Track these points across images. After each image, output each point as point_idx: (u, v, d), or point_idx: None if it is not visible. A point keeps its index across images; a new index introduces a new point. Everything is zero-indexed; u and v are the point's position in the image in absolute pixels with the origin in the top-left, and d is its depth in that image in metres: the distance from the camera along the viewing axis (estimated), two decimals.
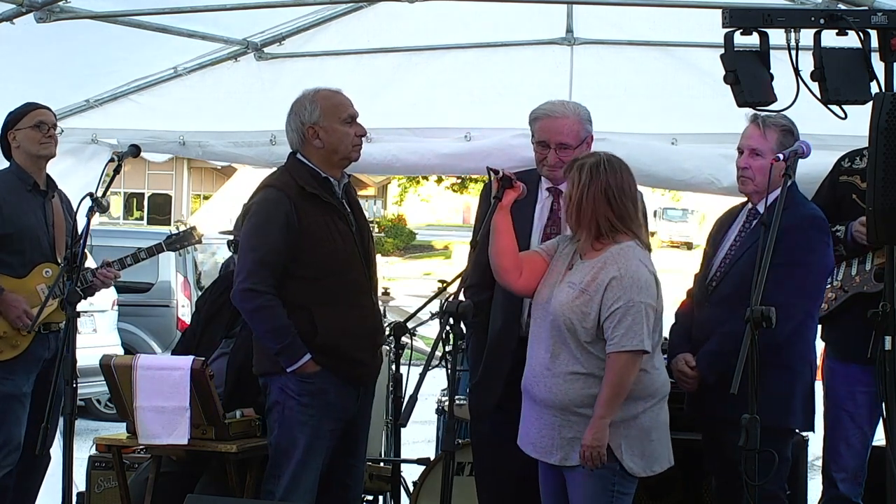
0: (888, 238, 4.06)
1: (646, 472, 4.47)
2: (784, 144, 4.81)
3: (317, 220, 4.87)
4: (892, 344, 4.07)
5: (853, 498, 5.20)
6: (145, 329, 12.65)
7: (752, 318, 4.02)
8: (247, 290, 4.82)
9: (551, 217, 5.00)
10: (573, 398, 4.41)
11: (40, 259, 5.67)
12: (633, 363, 4.35)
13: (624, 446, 4.39)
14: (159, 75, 6.81)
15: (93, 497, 5.95)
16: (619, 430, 4.37)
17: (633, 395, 4.40)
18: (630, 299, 4.35)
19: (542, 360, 4.50)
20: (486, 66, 6.68)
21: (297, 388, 4.85)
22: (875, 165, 3.95)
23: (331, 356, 4.85)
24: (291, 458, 4.85)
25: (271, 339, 4.84)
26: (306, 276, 4.85)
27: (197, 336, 5.59)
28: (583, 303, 4.42)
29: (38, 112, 5.72)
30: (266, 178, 5.06)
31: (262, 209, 4.89)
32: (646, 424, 4.45)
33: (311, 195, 4.89)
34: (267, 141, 6.86)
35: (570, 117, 4.99)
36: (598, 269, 4.45)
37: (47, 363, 5.64)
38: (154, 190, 44.96)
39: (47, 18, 5.57)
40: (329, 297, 4.86)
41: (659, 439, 4.50)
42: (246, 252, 4.89)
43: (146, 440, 5.08)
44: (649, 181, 6.85)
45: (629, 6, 6.02)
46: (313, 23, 6.50)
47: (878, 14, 4.15)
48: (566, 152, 4.92)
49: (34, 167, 5.73)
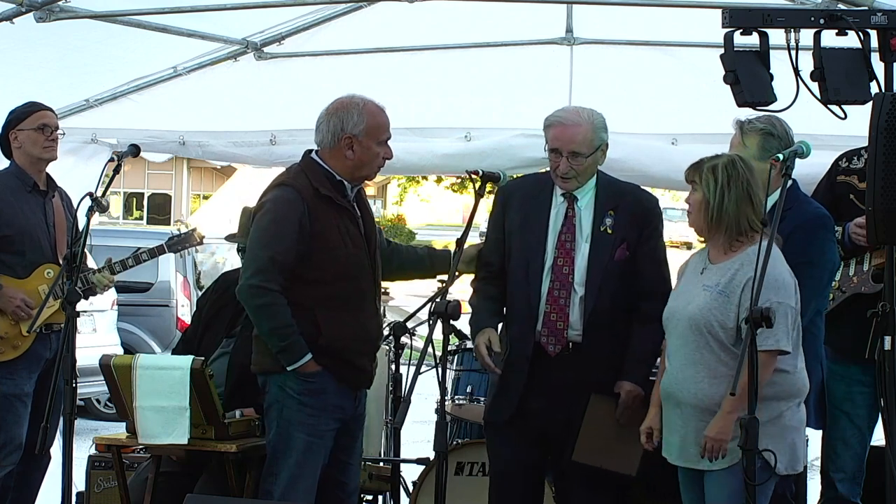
0: (888, 238, 4.06)
1: (788, 471, 4.43)
2: (765, 148, 4.80)
3: (329, 223, 4.85)
4: (892, 344, 4.07)
5: (852, 498, 5.20)
6: (145, 329, 12.63)
7: (752, 318, 4.02)
8: (254, 286, 4.80)
9: (566, 223, 4.92)
10: (718, 399, 4.32)
11: (42, 260, 5.67)
12: (770, 363, 4.29)
13: (770, 445, 4.30)
14: (159, 75, 6.81)
15: (92, 497, 5.95)
16: (765, 428, 4.28)
17: (778, 395, 4.36)
18: (768, 300, 4.24)
19: (684, 365, 4.44)
20: (486, 66, 6.68)
21: (296, 386, 4.82)
22: (875, 166, 3.95)
23: (332, 358, 4.85)
24: (289, 457, 4.83)
25: (274, 336, 4.82)
26: (314, 277, 4.83)
27: (198, 336, 5.58)
28: (721, 304, 4.36)
29: (41, 114, 5.70)
30: (280, 175, 5.02)
31: (275, 207, 4.85)
32: (788, 424, 4.41)
33: (325, 197, 4.87)
34: (267, 141, 6.86)
35: (584, 125, 4.89)
36: (736, 270, 4.40)
37: (48, 363, 5.64)
38: (154, 190, 44.98)
39: (47, 18, 5.57)
40: (334, 299, 4.86)
41: (800, 439, 4.48)
42: (256, 248, 4.86)
43: (146, 440, 5.07)
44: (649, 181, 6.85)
45: (629, 6, 6.01)
46: (313, 22, 6.49)
47: (878, 14, 4.16)
48: (578, 160, 4.85)
49: (34, 168, 5.72)
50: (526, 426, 4.87)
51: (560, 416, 4.83)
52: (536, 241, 4.84)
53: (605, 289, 4.84)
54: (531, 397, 4.83)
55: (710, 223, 4.45)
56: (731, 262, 4.43)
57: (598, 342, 4.83)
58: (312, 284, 4.82)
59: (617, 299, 4.85)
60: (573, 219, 4.92)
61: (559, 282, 4.86)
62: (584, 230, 4.89)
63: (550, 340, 4.85)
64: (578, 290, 4.84)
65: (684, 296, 4.52)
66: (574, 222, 4.91)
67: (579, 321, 4.84)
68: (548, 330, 4.84)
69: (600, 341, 4.83)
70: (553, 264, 4.88)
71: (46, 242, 5.70)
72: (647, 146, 6.56)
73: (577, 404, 4.82)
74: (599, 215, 4.90)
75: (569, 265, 4.87)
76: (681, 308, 4.49)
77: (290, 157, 6.99)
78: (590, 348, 4.83)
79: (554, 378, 4.84)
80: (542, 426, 4.87)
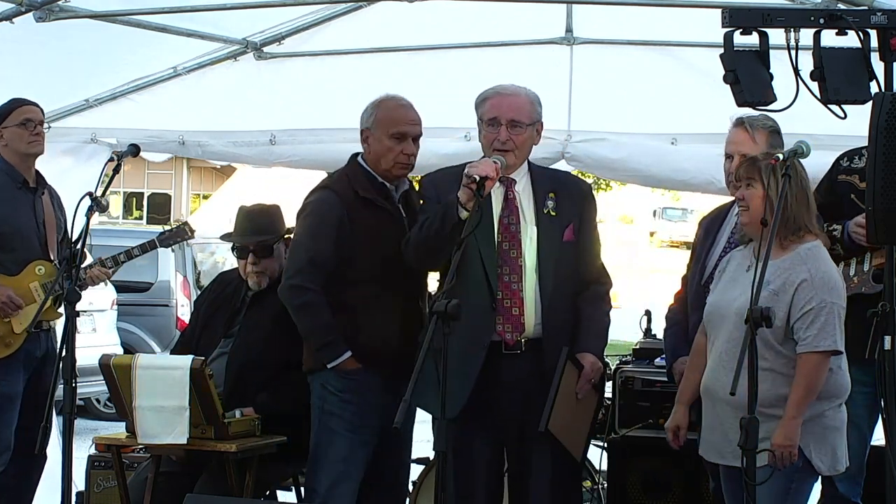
0: (888, 238, 4.06)
1: (830, 472, 4.45)
2: (773, 145, 4.83)
3: (369, 225, 4.96)
4: (892, 344, 4.07)
5: (852, 498, 5.20)
6: (145, 328, 12.64)
7: (752, 318, 4.02)
8: (294, 286, 4.96)
9: (507, 206, 4.82)
10: (762, 398, 4.26)
11: (32, 257, 5.65)
12: (825, 363, 4.33)
13: (812, 444, 4.35)
14: (159, 75, 6.81)
15: (92, 496, 5.95)
16: (807, 427, 4.34)
17: (821, 394, 4.38)
18: (822, 300, 4.32)
19: (727, 361, 4.40)
20: (486, 66, 6.67)
21: (337, 384, 4.93)
22: (875, 165, 3.95)
23: (372, 357, 4.87)
24: (330, 453, 4.94)
25: (313, 335, 4.97)
26: (354, 278, 4.95)
27: (195, 336, 5.59)
28: (772, 302, 4.32)
29: (24, 109, 5.68)
30: (325, 178, 5.26)
31: (315, 210, 5.02)
32: (830, 423, 4.42)
33: (366, 199, 4.98)
34: (266, 140, 6.87)
35: (522, 96, 4.86)
36: (786, 269, 4.41)
37: (39, 362, 5.64)
38: (153, 189, 44.93)
39: (47, 18, 5.57)
40: (375, 299, 4.92)
41: (842, 438, 4.48)
42: (298, 250, 5.03)
43: (145, 440, 5.07)
44: (649, 181, 6.87)
45: (629, 6, 6.01)
46: (313, 22, 6.50)
47: (878, 14, 4.15)
48: (517, 131, 4.78)
49: (23, 164, 5.70)
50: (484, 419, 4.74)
51: (517, 408, 4.74)
52: (482, 225, 4.60)
53: (560, 271, 4.78)
54: (488, 389, 4.71)
55: (777, 219, 4.39)
56: (780, 262, 4.42)
57: (557, 328, 4.75)
58: (353, 285, 4.94)
59: (571, 282, 4.81)
60: (514, 201, 4.83)
61: (508, 266, 4.75)
62: (528, 213, 4.82)
63: (507, 328, 4.74)
64: (530, 274, 4.76)
65: (730, 291, 4.51)
66: (516, 205, 4.82)
67: (536, 307, 4.75)
68: (503, 318, 4.73)
69: (559, 327, 4.76)
70: (499, 248, 4.76)
71: (37, 239, 5.68)
72: (647, 146, 6.56)
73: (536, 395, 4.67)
74: (540, 198, 4.84)
75: (516, 248, 4.77)
76: (727, 303, 4.47)
77: (289, 156, 7.01)
78: (550, 334, 4.74)
79: (515, 368, 4.73)
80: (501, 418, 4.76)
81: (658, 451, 5.56)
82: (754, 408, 4.03)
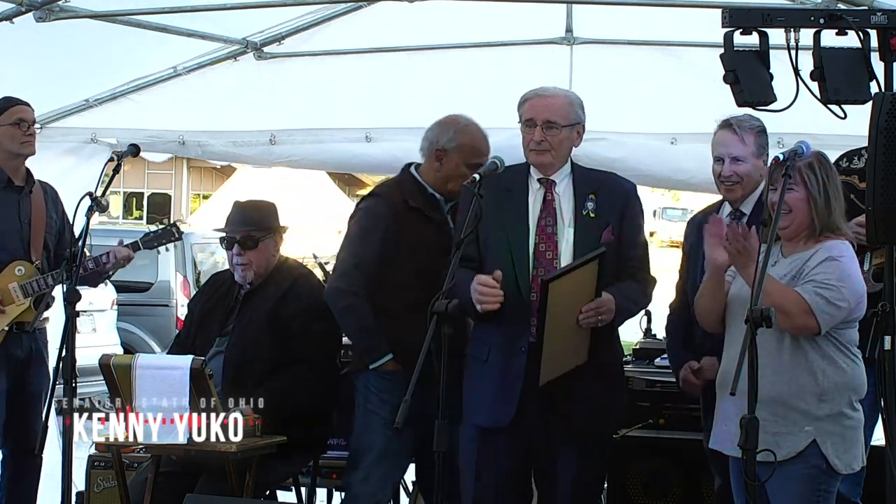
0: (888, 238, 4.06)
1: (846, 470, 4.41)
2: (762, 145, 4.83)
3: (415, 234, 5.12)
4: (892, 344, 4.07)
5: (852, 498, 5.19)
6: (145, 328, 12.66)
7: (752, 318, 4.01)
8: (338, 289, 5.17)
9: (545, 208, 4.79)
10: (782, 390, 4.30)
11: (11, 258, 5.61)
12: (803, 316, 4.25)
13: (830, 444, 4.33)
14: (159, 75, 6.81)
15: (92, 496, 5.95)
16: (825, 426, 4.31)
17: (838, 390, 4.34)
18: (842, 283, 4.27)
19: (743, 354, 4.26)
20: (486, 66, 6.68)
21: (378, 384, 5.13)
22: (875, 165, 3.95)
23: (412, 361, 4.85)
24: (370, 451, 5.13)
25: (356, 336, 5.21)
26: (398, 283, 5.11)
27: (191, 336, 5.59)
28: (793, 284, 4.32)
29: (17, 108, 5.66)
30: (377, 185, 5.57)
31: (364, 216, 5.24)
32: (847, 423, 4.39)
33: (414, 209, 5.16)
34: (266, 140, 6.88)
35: (560, 97, 4.83)
36: (809, 256, 4.36)
37: (21, 363, 5.62)
38: (153, 189, 44.95)
39: (47, 18, 5.57)
40: (418, 304, 4.86)
41: (859, 437, 4.45)
42: (344, 254, 5.26)
43: (146, 440, 5.07)
44: (649, 181, 6.86)
45: (629, 6, 6.02)
46: (313, 22, 6.50)
47: (878, 14, 4.16)
48: (553, 132, 4.74)
49: (10, 164, 5.67)
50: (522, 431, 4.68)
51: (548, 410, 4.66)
52: (518, 226, 4.67)
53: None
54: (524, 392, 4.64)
55: (806, 220, 4.38)
56: (803, 253, 4.39)
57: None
58: (397, 290, 5.10)
59: (609, 282, 4.68)
60: (552, 203, 4.78)
61: (544, 268, 4.69)
62: (566, 214, 4.76)
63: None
64: None
65: (743, 286, 4.42)
66: (554, 206, 4.77)
67: None
68: (537, 320, 4.61)
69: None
70: (535, 250, 4.72)
71: (19, 239, 5.64)
72: (647, 146, 6.56)
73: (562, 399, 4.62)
74: (580, 199, 4.77)
75: (552, 250, 4.72)
76: (747, 294, 4.34)
77: (289, 156, 7.02)
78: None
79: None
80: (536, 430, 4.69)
81: (658, 451, 5.57)
82: (754, 407, 4.02)
